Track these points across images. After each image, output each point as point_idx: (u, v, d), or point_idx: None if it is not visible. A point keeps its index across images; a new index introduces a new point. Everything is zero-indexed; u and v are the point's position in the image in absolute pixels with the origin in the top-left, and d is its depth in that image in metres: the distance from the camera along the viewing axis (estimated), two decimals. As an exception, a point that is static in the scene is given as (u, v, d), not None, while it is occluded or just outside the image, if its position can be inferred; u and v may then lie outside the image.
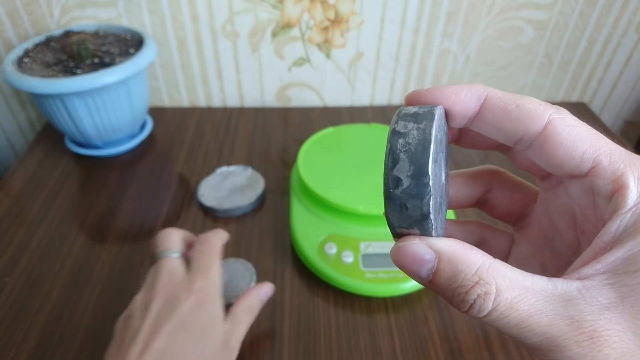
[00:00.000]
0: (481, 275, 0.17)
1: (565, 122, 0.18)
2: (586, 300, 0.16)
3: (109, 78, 0.56)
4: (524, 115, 0.18)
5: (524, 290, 0.16)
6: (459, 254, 0.17)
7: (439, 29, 0.72)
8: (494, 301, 0.16)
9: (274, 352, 0.44)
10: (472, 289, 0.17)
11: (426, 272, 0.18)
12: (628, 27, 0.74)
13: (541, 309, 0.16)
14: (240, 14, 0.69)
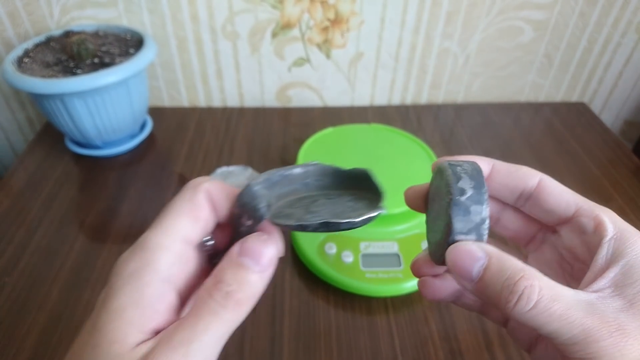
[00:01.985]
0: (525, 272, 0.20)
1: (552, 181, 0.25)
2: (605, 305, 0.20)
3: (109, 78, 0.57)
4: (523, 175, 0.25)
5: (558, 290, 0.20)
6: (504, 256, 0.21)
7: (439, 29, 0.72)
8: (539, 293, 0.19)
9: (274, 352, 0.44)
10: (520, 281, 0.20)
11: (478, 268, 0.21)
12: (628, 27, 0.74)
13: (576, 306, 0.20)
14: (240, 14, 0.69)
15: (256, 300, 0.22)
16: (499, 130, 0.75)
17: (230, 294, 0.21)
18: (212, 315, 0.21)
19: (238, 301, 0.21)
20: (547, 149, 0.70)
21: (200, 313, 0.21)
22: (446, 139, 0.72)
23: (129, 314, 0.20)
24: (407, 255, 0.49)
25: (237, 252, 0.22)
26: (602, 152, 0.70)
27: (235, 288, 0.21)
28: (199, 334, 0.20)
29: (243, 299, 0.21)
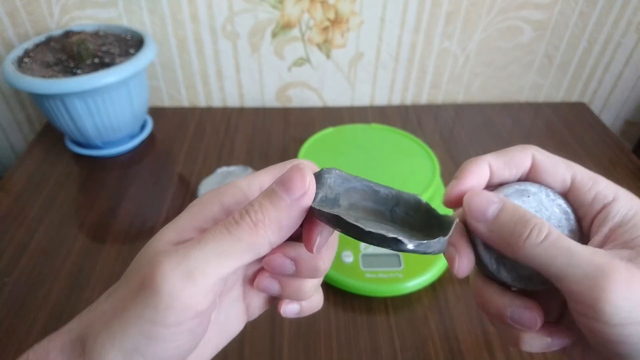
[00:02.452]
0: (536, 221, 0.22)
1: (544, 156, 0.26)
2: (612, 252, 0.21)
3: (109, 78, 0.57)
4: (517, 160, 0.25)
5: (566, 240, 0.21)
6: (517, 205, 0.23)
7: (439, 29, 0.72)
8: (549, 230, 0.21)
9: (274, 352, 0.44)
10: (532, 219, 0.22)
11: (493, 210, 0.23)
12: (628, 27, 0.74)
13: (583, 247, 0.21)
14: (240, 14, 0.69)
15: (278, 232, 0.21)
16: (499, 130, 0.75)
17: (248, 213, 0.21)
18: (223, 230, 0.20)
19: (255, 222, 0.20)
20: (547, 149, 0.70)
21: (214, 228, 0.21)
22: (446, 139, 0.72)
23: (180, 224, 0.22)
24: (407, 255, 0.49)
25: (274, 181, 0.21)
26: (602, 152, 0.70)
27: (256, 209, 0.21)
28: (204, 244, 0.20)
29: (259, 221, 0.20)
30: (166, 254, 0.20)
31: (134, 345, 0.19)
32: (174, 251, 0.20)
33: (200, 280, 0.19)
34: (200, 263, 0.19)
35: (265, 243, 0.21)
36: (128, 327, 0.19)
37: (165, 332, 0.19)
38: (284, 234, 0.21)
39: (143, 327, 0.19)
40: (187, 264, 0.19)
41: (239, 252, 0.20)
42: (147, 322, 0.19)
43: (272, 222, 0.20)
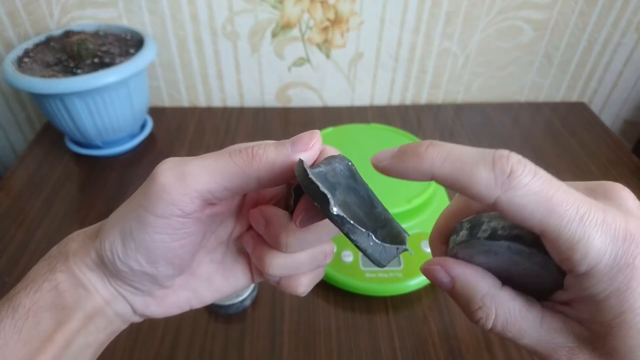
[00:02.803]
0: (485, 302, 0.21)
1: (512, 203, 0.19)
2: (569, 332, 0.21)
3: (109, 78, 0.57)
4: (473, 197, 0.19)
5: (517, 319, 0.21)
6: (469, 281, 0.22)
7: (439, 29, 0.72)
8: (493, 322, 0.21)
9: (274, 352, 0.44)
10: (476, 312, 0.22)
11: (445, 289, 0.23)
12: (628, 27, 0.74)
13: (527, 333, 0.21)
14: (240, 14, 0.69)
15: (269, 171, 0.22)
16: (498, 130, 0.75)
17: (252, 147, 0.23)
18: (226, 154, 0.23)
19: (253, 155, 0.22)
20: (547, 149, 0.70)
21: (219, 151, 0.23)
22: (446, 139, 0.72)
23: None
24: (407, 255, 0.49)
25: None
26: (602, 152, 0.70)
27: (259, 146, 0.23)
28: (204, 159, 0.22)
29: (257, 155, 0.22)
30: (173, 159, 0.23)
31: (129, 227, 0.23)
32: (179, 158, 0.23)
33: (190, 182, 0.22)
34: (195, 170, 0.22)
35: (254, 176, 0.22)
36: (128, 212, 0.23)
37: (153, 221, 0.22)
38: (273, 176, 0.23)
39: (138, 211, 0.22)
40: (184, 168, 0.22)
41: (230, 174, 0.22)
42: (141, 207, 0.22)
43: (267, 160, 0.22)
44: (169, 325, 0.46)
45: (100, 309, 0.25)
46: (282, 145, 0.23)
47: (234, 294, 0.29)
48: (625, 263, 0.18)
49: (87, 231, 0.26)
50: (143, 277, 0.24)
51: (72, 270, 0.24)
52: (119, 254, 0.23)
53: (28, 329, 0.23)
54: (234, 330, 0.45)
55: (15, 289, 0.24)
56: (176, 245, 0.23)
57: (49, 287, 0.24)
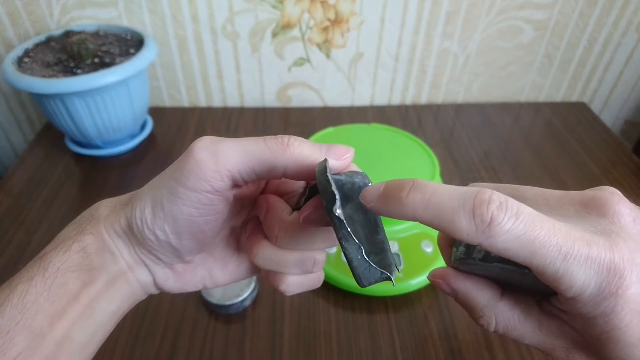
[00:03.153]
0: (485, 312, 0.23)
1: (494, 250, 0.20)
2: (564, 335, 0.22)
3: (109, 78, 0.57)
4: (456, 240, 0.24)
5: (517, 325, 0.23)
6: (470, 293, 0.23)
7: (439, 29, 0.72)
8: (494, 328, 0.23)
9: (274, 351, 0.44)
10: (478, 319, 0.23)
11: (450, 296, 0.24)
12: (628, 27, 0.74)
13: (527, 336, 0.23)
14: (240, 14, 0.69)
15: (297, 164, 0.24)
16: (499, 130, 0.75)
17: (289, 136, 0.24)
18: (260, 139, 0.24)
19: (288, 144, 0.24)
20: (547, 149, 0.70)
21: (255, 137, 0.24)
22: (446, 138, 0.72)
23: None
24: (407, 255, 0.49)
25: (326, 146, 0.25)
26: (602, 152, 0.70)
27: (296, 138, 0.24)
28: (237, 141, 0.24)
29: (291, 145, 0.24)
30: (209, 137, 0.24)
31: (160, 197, 0.24)
32: (215, 137, 0.24)
33: (222, 160, 0.23)
34: (229, 150, 0.23)
35: (283, 165, 0.23)
36: (161, 183, 0.24)
37: (184, 193, 0.23)
38: (299, 170, 0.24)
39: (170, 183, 0.24)
40: (219, 146, 0.23)
41: (261, 158, 0.23)
42: (174, 180, 0.23)
43: (300, 154, 0.24)
44: (169, 325, 0.46)
45: (124, 274, 0.26)
46: (317, 146, 0.24)
47: (245, 279, 0.31)
48: (609, 292, 0.19)
49: (120, 199, 0.28)
50: (167, 248, 0.25)
51: (101, 234, 0.25)
52: (148, 221, 0.24)
53: (57, 287, 0.23)
54: (234, 330, 0.45)
55: (45, 249, 0.25)
56: (201, 221, 0.24)
57: (78, 249, 0.24)
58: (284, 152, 0.23)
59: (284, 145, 0.24)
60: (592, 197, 0.21)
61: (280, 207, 0.26)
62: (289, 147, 0.24)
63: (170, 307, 0.47)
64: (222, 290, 0.47)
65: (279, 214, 0.26)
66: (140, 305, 0.47)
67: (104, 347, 0.44)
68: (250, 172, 0.24)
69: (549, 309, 0.22)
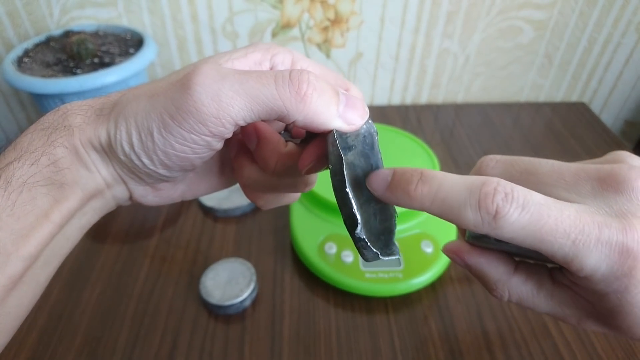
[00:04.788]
0: (498, 286, 0.23)
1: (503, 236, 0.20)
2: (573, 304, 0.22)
3: (109, 78, 0.56)
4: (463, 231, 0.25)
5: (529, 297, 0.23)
6: (483, 269, 0.23)
7: (439, 29, 0.72)
8: (508, 299, 0.23)
9: (274, 352, 0.44)
10: (492, 291, 0.24)
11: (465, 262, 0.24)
12: (628, 27, 0.74)
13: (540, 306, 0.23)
14: (240, 14, 0.69)
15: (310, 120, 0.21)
16: (499, 130, 0.75)
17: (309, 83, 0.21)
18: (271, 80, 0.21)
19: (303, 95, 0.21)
20: (547, 149, 0.70)
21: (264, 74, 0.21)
22: (446, 139, 0.72)
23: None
24: (407, 255, 0.49)
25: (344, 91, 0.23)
26: (602, 152, 0.70)
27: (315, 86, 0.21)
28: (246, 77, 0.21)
29: (308, 97, 0.21)
30: (212, 67, 0.21)
31: (151, 127, 0.21)
32: (221, 69, 0.21)
33: (225, 106, 0.20)
34: (233, 93, 0.20)
35: (293, 116, 0.21)
36: (152, 109, 0.21)
37: (178, 132, 0.21)
38: (310, 124, 0.22)
39: (164, 117, 0.21)
40: (222, 87, 0.20)
41: (270, 106, 0.21)
42: (168, 114, 0.21)
43: (315, 110, 0.21)
44: (168, 326, 0.46)
45: (100, 192, 0.24)
46: (334, 103, 0.22)
47: (224, 188, 0.30)
48: (622, 273, 0.19)
49: (93, 105, 0.24)
50: (152, 173, 0.24)
51: (76, 147, 0.23)
52: (135, 147, 0.22)
53: (22, 202, 0.21)
54: (234, 330, 0.45)
55: (5, 156, 0.22)
56: (194, 157, 0.23)
57: (47, 162, 0.22)
58: (297, 106, 0.21)
59: (299, 97, 0.20)
60: (609, 173, 0.20)
61: (273, 139, 0.25)
62: (304, 100, 0.21)
63: (170, 307, 0.47)
64: (222, 291, 0.47)
65: (274, 147, 0.24)
66: (140, 305, 0.47)
67: (103, 347, 0.44)
68: (256, 117, 0.21)
69: (561, 279, 0.22)
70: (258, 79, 0.20)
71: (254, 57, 0.24)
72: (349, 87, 0.25)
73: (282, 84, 0.20)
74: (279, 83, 0.20)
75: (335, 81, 0.25)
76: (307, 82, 0.21)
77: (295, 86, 0.20)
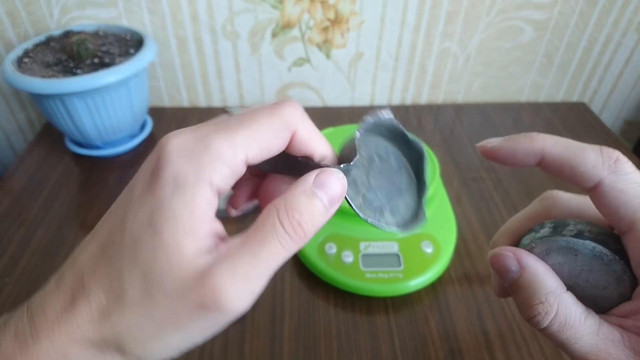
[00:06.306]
0: (548, 298, 0.21)
1: (614, 187, 0.21)
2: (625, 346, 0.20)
3: (109, 78, 0.56)
4: (577, 177, 0.22)
5: (576, 322, 0.21)
6: (538, 274, 0.22)
7: (439, 29, 0.72)
8: (550, 321, 0.21)
9: (274, 352, 0.44)
10: (537, 306, 0.21)
11: (509, 278, 0.22)
12: (628, 27, 0.74)
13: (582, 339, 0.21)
14: (240, 14, 0.69)
15: (307, 240, 0.22)
16: (499, 130, 0.75)
17: (301, 225, 0.21)
18: (277, 245, 0.20)
19: (306, 232, 0.21)
20: (547, 149, 0.70)
21: (266, 240, 0.20)
22: (446, 139, 0.72)
23: (183, 222, 0.20)
24: (407, 255, 0.49)
25: (312, 181, 0.21)
26: (602, 152, 0.70)
27: (306, 219, 0.21)
28: (261, 262, 0.20)
29: (310, 230, 0.21)
30: (221, 275, 0.19)
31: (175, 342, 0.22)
32: (235, 281, 0.20)
33: (255, 294, 0.20)
34: (257, 287, 0.20)
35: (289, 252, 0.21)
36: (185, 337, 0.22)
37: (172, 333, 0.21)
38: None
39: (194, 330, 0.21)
40: (246, 285, 0.20)
41: (287, 259, 0.21)
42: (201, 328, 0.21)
43: (315, 229, 0.21)
44: (169, 326, 0.46)
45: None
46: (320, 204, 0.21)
47: None
48: None
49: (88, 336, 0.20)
50: None
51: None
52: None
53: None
54: (234, 330, 0.45)
55: None
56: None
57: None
58: (303, 243, 0.21)
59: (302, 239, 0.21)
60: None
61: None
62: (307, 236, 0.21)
63: (170, 307, 0.47)
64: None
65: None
66: (140, 305, 0.47)
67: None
68: None
69: (607, 319, 0.22)
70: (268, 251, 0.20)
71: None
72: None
73: (286, 243, 0.21)
74: (284, 243, 0.21)
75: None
76: (303, 225, 0.21)
77: (297, 238, 0.21)
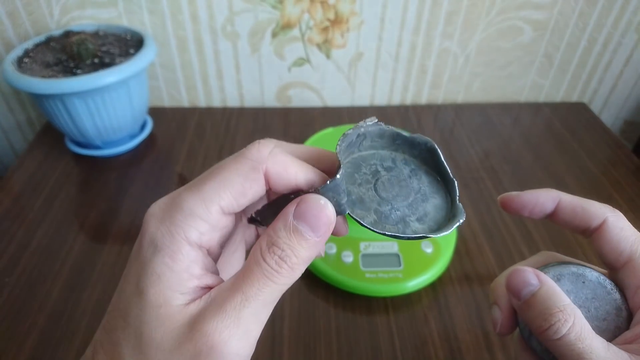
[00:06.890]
0: (566, 308, 0.22)
1: (616, 224, 0.25)
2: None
3: (109, 78, 0.57)
4: (588, 217, 0.26)
5: (590, 334, 0.22)
6: (556, 289, 0.23)
7: (439, 29, 0.72)
8: (569, 329, 0.22)
9: (274, 352, 0.44)
10: (556, 313, 0.22)
11: (527, 293, 0.24)
12: (628, 27, 0.74)
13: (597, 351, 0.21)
14: (240, 14, 0.69)
15: (310, 262, 0.22)
16: (499, 130, 0.75)
17: (284, 259, 0.21)
18: (264, 280, 0.21)
19: (292, 266, 0.21)
20: (547, 149, 0.70)
21: (253, 277, 0.21)
22: (446, 139, 0.72)
23: (166, 279, 0.20)
24: (407, 255, 0.49)
25: (292, 213, 0.21)
26: (602, 152, 0.70)
27: (288, 253, 0.21)
28: (251, 300, 0.20)
29: (296, 264, 0.21)
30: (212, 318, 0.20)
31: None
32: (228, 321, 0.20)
33: (252, 333, 0.22)
34: (254, 325, 0.21)
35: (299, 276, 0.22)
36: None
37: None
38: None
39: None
40: (240, 325, 0.21)
41: (282, 293, 0.22)
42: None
43: (305, 261, 0.21)
44: (169, 326, 0.46)
45: None
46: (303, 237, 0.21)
47: None
48: None
49: None
50: None
51: None
52: None
53: None
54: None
55: None
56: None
57: None
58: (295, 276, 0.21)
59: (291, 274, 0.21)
60: None
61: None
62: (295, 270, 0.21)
63: (170, 307, 0.47)
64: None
65: None
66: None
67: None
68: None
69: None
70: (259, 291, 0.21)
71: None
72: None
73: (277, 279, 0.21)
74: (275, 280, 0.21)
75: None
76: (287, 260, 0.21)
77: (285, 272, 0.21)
